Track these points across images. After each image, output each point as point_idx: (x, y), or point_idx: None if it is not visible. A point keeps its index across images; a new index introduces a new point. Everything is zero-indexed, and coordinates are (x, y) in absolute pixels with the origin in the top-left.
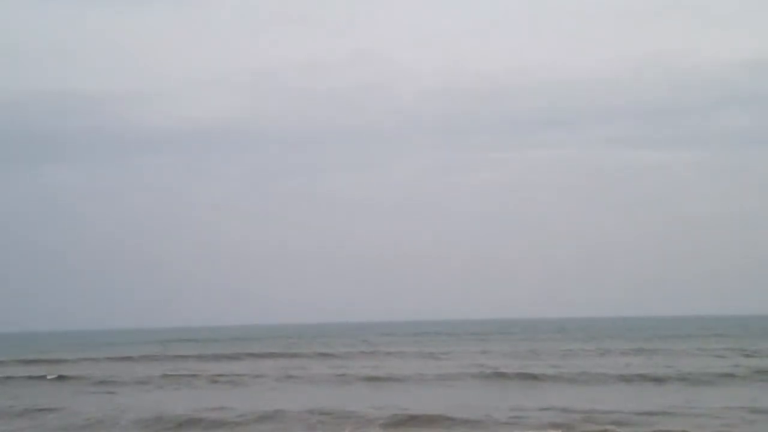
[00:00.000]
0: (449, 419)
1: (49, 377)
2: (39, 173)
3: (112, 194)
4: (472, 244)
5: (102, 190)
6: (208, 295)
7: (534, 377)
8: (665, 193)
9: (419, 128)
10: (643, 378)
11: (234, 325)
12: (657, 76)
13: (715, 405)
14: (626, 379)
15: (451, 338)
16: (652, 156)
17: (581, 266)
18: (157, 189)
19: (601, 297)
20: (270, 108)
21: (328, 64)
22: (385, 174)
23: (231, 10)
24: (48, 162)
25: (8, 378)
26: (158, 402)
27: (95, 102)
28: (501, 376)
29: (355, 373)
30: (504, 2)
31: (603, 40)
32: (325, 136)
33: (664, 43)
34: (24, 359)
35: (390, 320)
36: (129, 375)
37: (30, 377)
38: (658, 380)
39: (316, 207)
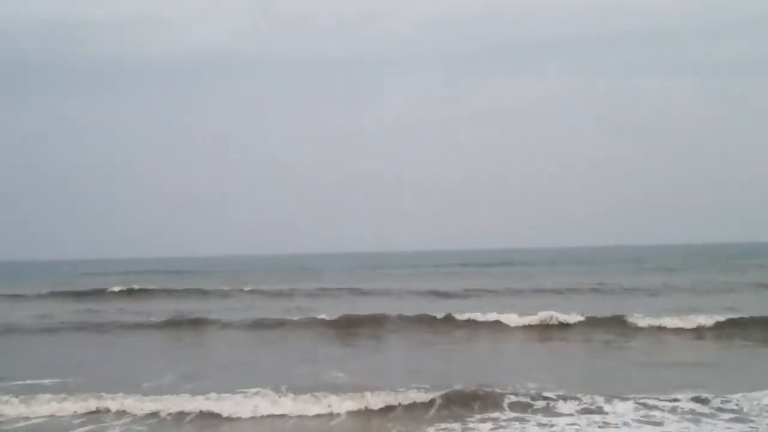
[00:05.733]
0: None
1: None
2: (35, 103)
3: (109, 123)
4: (473, 172)
5: (100, 119)
6: (196, 226)
7: None
8: (667, 119)
9: (418, 57)
10: None
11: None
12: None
13: None
14: None
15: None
16: (656, 83)
17: (580, 195)
18: (150, 117)
19: (597, 225)
20: (266, 36)
21: None
22: (380, 105)
23: None
24: (46, 91)
25: None
26: None
27: (88, 30)
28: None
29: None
30: None
31: None
32: (321, 65)
33: None
34: None
35: (381, 251)
36: None
37: None
38: None
39: (310, 137)
